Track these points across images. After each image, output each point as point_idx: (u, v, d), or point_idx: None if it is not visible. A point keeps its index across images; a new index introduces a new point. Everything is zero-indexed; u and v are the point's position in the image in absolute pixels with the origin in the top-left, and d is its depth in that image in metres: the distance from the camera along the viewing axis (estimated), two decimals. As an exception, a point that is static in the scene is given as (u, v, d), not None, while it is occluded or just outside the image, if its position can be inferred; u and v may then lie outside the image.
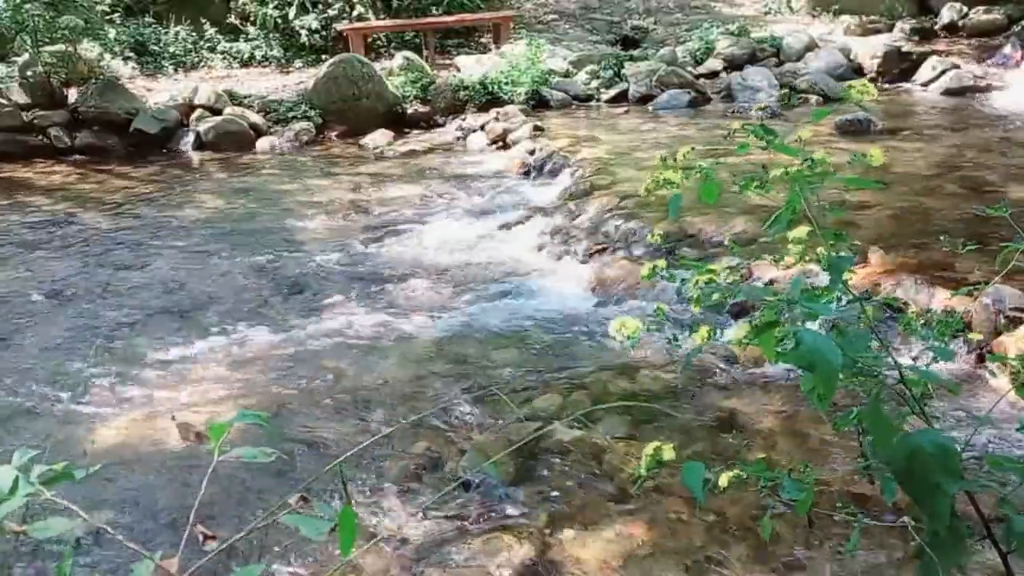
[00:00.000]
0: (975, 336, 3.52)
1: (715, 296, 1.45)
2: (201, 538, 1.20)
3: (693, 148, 1.55)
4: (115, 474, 3.21)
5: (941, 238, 3.83)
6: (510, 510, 2.90)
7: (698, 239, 4.98)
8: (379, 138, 9.04)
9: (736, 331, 1.37)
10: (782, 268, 1.52)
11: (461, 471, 3.10)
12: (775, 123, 8.01)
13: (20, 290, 5.32)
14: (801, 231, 1.46)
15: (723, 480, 1.42)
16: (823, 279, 1.42)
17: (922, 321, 1.64)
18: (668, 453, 1.39)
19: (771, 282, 3.87)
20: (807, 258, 1.50)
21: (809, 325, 1.29)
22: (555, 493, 2.97)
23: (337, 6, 11.65)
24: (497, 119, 8.85)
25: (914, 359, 1.54)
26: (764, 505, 1.55)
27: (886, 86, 9.62)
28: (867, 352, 1.31)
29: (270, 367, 4.12)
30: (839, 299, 1.43)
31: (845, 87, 1.50)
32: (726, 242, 4.73)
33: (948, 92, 9.05)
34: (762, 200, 1.55)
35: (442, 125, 9.50)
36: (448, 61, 11.15)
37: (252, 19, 11.70)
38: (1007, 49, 9.63)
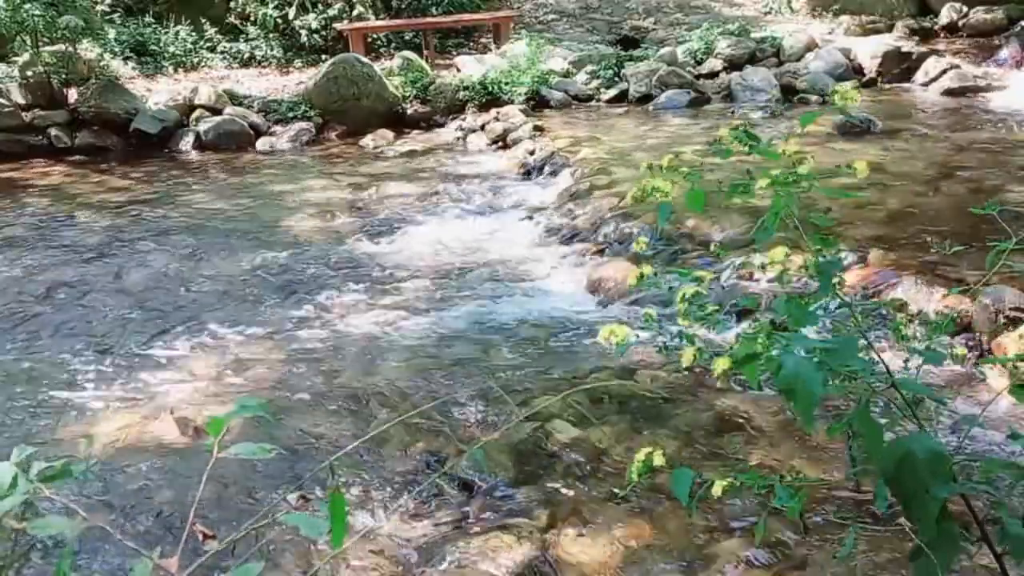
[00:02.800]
0: (953, 340, 3.48)
1: (699, 313, 1.47)
2: (200, 537, 1.20)
3: (678, 155, 1.56)
4: (113, 471, 3.20)
5: (928, 239, 3.81)
6: (510, 510, 2.90)
7: (696, 239, 4.98)
8: (379, 138, 9.04)
9: (719, 363, 1.37)
10: (769, 272, 1.52)
11: (461, 471, 3.10)
12: (776, 123, 8.02)
13: (19, 289, 5.31)
14: (779, 251, 1.47)
15: (716, 489, 1.42)
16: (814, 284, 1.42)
17: (912, 326, 1.65)
18: (659, 459, 1.40)
19: (771, 281, 3.87)
20: (796, 266, 1.49)
21: (804, 331, 1.29)
22: (555, 493, 2.97)
23: (337, 6, 11.65)
24: (497, 119, 8.84)
25: (905, 361, 1.54)
26: (762, 506, 1.55)
27: (886, 86, 9.62)
28: (856, 358, 1.30)
29: (268, 366, 4.12)
30: (825, 307, 1.43)
31: (831, 91, 1.51)
32: (712, 247, 4.73)
33: (948, 92, 9.04)
34: (760, 200, 1.55)
35: (442, 125, 9.49)
36: (448, 61, 11.15)
37: (252, 19, 11.70)
38: (1007, 49, 9.62)
